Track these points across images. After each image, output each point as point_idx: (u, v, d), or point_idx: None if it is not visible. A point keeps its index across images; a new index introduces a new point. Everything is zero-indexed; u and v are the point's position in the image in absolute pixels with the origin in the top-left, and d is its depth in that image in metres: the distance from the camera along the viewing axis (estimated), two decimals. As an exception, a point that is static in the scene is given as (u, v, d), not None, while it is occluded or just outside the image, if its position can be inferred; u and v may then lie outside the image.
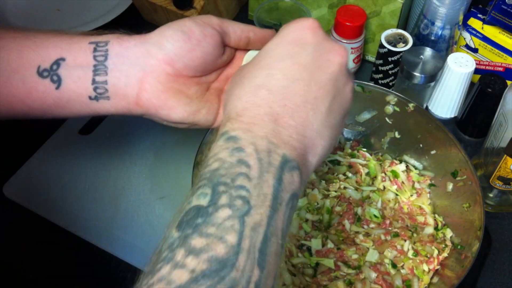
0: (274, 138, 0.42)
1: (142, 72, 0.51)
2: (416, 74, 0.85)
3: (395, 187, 0.81)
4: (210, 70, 0.55)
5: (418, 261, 0.73)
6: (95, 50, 0.51)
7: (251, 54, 0.58)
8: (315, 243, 0.74)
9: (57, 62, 0.51)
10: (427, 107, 0.93)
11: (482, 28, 0.94)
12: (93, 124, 0.91)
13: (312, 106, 0.45)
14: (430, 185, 0.81)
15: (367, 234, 0.76)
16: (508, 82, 0.85)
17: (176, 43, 0.51)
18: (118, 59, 0.51)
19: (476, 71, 0.89)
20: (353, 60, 0.96)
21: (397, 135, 0.84)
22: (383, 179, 0.82)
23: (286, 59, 0.46)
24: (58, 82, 0.51)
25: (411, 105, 0.80)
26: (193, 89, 0.53)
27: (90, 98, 0.52)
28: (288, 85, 0.45)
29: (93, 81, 0.51)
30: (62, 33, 0.53)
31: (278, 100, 0.44)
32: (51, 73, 0.51)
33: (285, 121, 0.44)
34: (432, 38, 0.89)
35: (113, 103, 0.52)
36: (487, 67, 0.94)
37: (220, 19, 0.54)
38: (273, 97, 0.44)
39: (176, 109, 0.52)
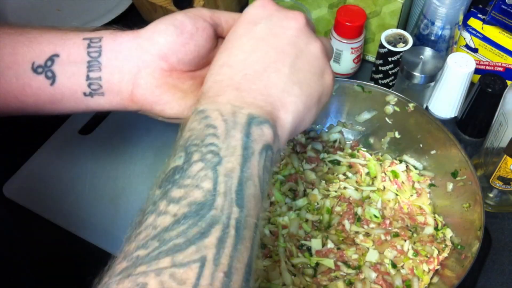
0: (237, 102, 0.45)
1: (136, 67, 0.52)
2: (416, 74, 0.85)
3: (395, 187, 0.81)
4: (204, 63, 0.55)
5: (418, 261, 0.73)
6: (89, 46, 0.52)
7: None
8: (315, 243, 0.74)
9: (51, 58, 0.51)
10: (427, 107, 0.93)
11: (482, 28, 0.94)
12: (93, 124, 0.91)
13: (273, 69, 0.47)
14: (430, 185, 0.81)
15: (367, 234, 0.76)
16: (508, 82, 0.85)
17: (169, 37, 0.52)
18: (111, 54, 0.52)
19: (476, 71, 0.89)
20: (353, 60, 0.96)
21: (397, 135, 0.84)
22: (383, 179, 0.82)
23: (243, 37, 0.49)
24: (52, 78, 0.51)
25: (411, 105, 0.80)
26: (188, 84, 0.54)
27: (84, 94, 0.52)
28: (246, 57, 0.47)
29: (87, 77, 0.52)
30: (56, 29, 0.53)
31: (238, 72, 0.47)
32: (45, 69, 0.51)
33: (248, 87, 0.46)
34: (432, 38, 0.89)
35: (107, 99, 0.53)
36: (487, 67, 0.94)
37: (211, 10, 0.55)
38: (234, 70, 0.47)
39: (170, 104, 0.53)
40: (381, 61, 0.91)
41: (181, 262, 0.37)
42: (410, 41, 0.89)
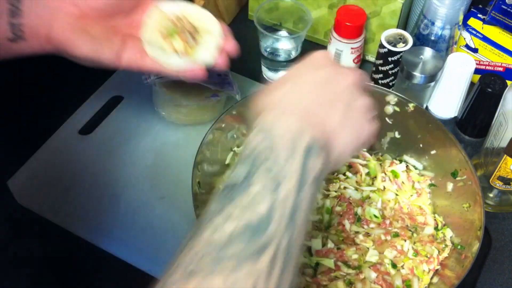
0: (299, 127, 0.48)
1: (51, 13, 0.59)
2: (416, 74, 0.85)
3: (395, 187, 0.81)
4: (115, 12, 0.62)
5: (418, 261, 0.73)
6: None
7: (160, 6, 0.63)
8: (315, 243, 0.74)
9: None
10: (427, 107, 0.94)
11: (482, 28, 0.94)
12: (93, 124, 0.91)
13: (331, 107, 0.52)
14: (430, 185, 0.81)
15: (367, 234, 0.76)
16: (508, 82, 0.85)
17: None
18: (30, 2, 0.58)
19: (476, 71, 0.89)
20: (353, 60, 0.96)
21: (397, 135, 0.84)
22: (383, 179, 0.82)
23: (307, 75, 0.54)
24: None
25: (411, 105, 0.80)
26: (97, 29, 0.61)
27: (8, 39, 0.58)
28: (310, 91, 0.52)
29: (10, 24, 0.58)
30: None
31: (301, 101, 0.51)
32: None
33: (310, 114, 0.50)
34: (432, 38, 0.89)
35: (29, 44, 0.59)
36: (487, 67, 0.94)
37: None
38: (298, 99, 0.51)
39: (79, 45, 0.60)
40: (381, 61, 0.91)
41: (233, 283, 0.39)
42: (410, 41, 0.89)
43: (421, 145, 0.81)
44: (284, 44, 0.95)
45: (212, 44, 0.64)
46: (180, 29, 0.63)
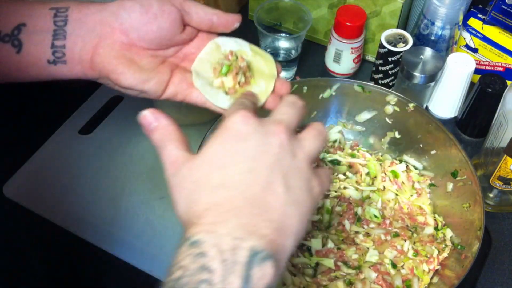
0: (239, 232, 0.41)
1: (97, 38, 0.54)
2: (416, 74, 0.85)
3: (395, 187, 0.81)
4: (167, 45, 0.57)
5: (418, 261, 0.73)
6: (55, 15, 0.54)
7: (217, 41, 0.59)
8: (315, 243, 0.74)
9: (18, 28, 0.53)
10: (427, 107, 0.94)
11: (482, 28, 0.94)
12: (93, 124, 0.91)
13: (270, 191, 0.44)
14: (430, 185, 0.81)
15: (367, 234, 0.76)
16: (508, 82, 0.85)
17: (133, 14, 0.54)
18: (76, 24, 0.54)
19: (476, 71, 0.89)
20: (353, 60, 0.96)
21: (397, 135, 0.84)
22: (383, 179, 0.82)
23: (235, 156, 0.45)
24: (19, 46, 0.53)
25: (411, 105, 0.80)
26: (146, 61, 0.56)
27: (48, 62, 0.54)
28: (242, 178, 0.44)
29: (52, 45, 0.54)
30: (22, 1, 0.55)
31: (237, 195, 0.44)
32: (12, 38, 0.53)
33: (249, 212, 0.43)
34: (432, 38, 0.89)
35: (69, 67, 0.55)
36: (487, 67, 0.94)
37: None
38: (232, 193, 0.44)
39: (125, 75, 0.55)
40: (381, 61, 0.91)
41: None
42: (410, 41, 0.89)
43: (421, 145, 0.81)
44: (284, 44, 0.95)
45: (263, 87, 0.58)
46: (234, 67, 0.58)
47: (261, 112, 0.52)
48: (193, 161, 0.47)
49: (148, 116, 0.53)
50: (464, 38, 0.96)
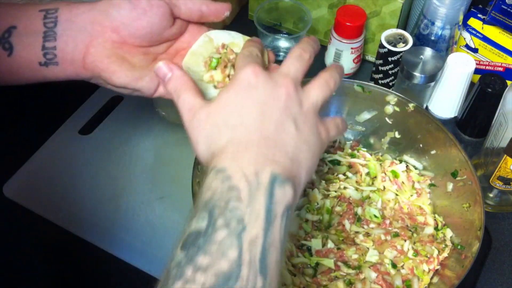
0: (259, 160, 0.46)
1: (89, 37, 0.54)
2: (416, 74, 0.85)
3: (395, 187, 0.81)
4: (158, 40, 0.57)
5: (418, 261, 0.73)
6: (45, 17, 0.54)
7: (210, 34, 0.59)
8: (315, 243, 0.74)
9: (9, 30, 0.53)
10: (427, 107, 0.94)
11: (482, 28, 0.94)
12: (93, 124, 0.91)
13: (282, 129, 0.49)
14: (430, 185, 0.81)
15: (367, 234, 0.76)
16: (508, 82, 0.85)
17: (122, 11, 0.54)
18: (67, 25, 0.54)
19: (476, 71, 0.89)
20: (353, 60, 0.96)
21: (397, 135, 0.84)
22: (383, 179, 0.82)
23: (247, 100, 0.49)
24: (10, 49, 0.53)
25: (411, 105, 0.80)
26: (138, 58, 0.56)
27: (40, 64, 0.54)
28: (258, 118, 0.49)
29: (43, 47, 0.54)
30: (12, 3, 0.55)
31: (254, 131, 0.48)
32: (3, 41, 0.53)
33: (267, 145, 0.47)
34: (432, 38, 0.89)
35: (61, 68, 0.55)
36: (487, 67, 0.94)
37: None
38: (249, 130, 0.48)
39: (118, 73, 0.55)
40: (381, 61, 0.91)
41: None
42: (410, 41, 0.89)
43: (421, 145, 0.81)
44: (284, 44, 0.95)
45: None
46: (223, 60, 0.58)
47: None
48: (210, 107, 0.50)
49: (162, 68, 0.54)
50: (464, 38, 0.96)
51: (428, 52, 0.86)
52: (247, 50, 0.54)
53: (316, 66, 1.06)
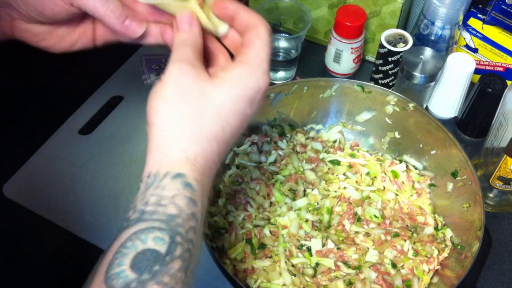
0: (207, 192, 0.47)
1: None
2: (416, 74, 0.85)
3: (395, 187, 0.81)
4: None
5: (418, 261, 0.73)
6: None
7: None
8: (315, 243, 0.74)
9: None
10: (427, 107, 0.94)
11: (482, 28, 0.94)
12: (93, 124, 0.91)
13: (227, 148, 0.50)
14: (430, 185, 0.81)
15: (367, 234, 0.76)
16: (508, 82, 0.85)
17: None
18: None
19: (476, 71, 0.89)
20: (353, 60, 0.96)
21: (397, 135, 0.84)
22: (383, 179, 0.82)
23: (239, 117, 0.49)
24: None
25: (411, 105, 0.80)
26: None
27: None
28: (229, 139, 0.49)
29: None
30: None
31: (219, 152, 0.49)
32: None
33: (215, 171, 0.49)
34: (432, 38, 0.89)
35: None
36: (487, 67, 0.94)
37: None
38: (218, 150, 0.48)
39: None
40: (381, 61, 0.91)
41: None
42: (410, 41, 0.89)
43: (421, 145, 0.81)
44: (284, 44, 0.95)
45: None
46: None
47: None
48: (207, 83, 0.48)
49: (185, 17, 0.52)
50: (464, 38, 0.96)
51: (428, 52, 0.86)
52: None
53: (316, 67, 1.06)
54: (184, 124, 0.47)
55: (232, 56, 0.55)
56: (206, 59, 0.54)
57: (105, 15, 0.53)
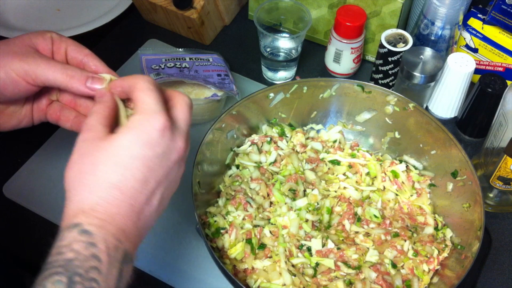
0: (120, 235, 0.49)
1: None
2: (416, 74, 0.85)
3: (395, 187, 0.81)
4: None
5: (418, 261, 0.73)
6: None
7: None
8: (315, 243, 0.74)
9: None
10: (427, 107, 0.94)
11: (482, 28, 0.94)
12: (93, 124, 0.90)
13: (151, 204, 0.52)
14: (430, 185, 0.81)
15: (367, 234, 0.76)
16: (508, 82, 0.85)
17: None
18: None
19: (476, 71, 0.89)
20: (353, 60, 0.96)
21: (397, 135, 0.84)
22: (383, 179, 0.82)
23: (138, 161, 0.51)
24: None
25: (411, 105, 0.80)
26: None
27: None
28: (137, 187, 0.50)
29: None
30: None
31: (127, 200, 0.50)
32: None
33: (130, 220, 0.50)
34: (432, 38, 0.89)
35: None
36: (487, 67, 0.94)
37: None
38: (124, 197, 0.50)
39: None
40: (381, 61, 0.91)
41: None
42: (410, 41, 0.89)
43: (421, 145, 0.81)
44: (284, 44, 0.95)
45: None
46: None
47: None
48: (104, 140, 0.51)
49: (99, 92, 0.57)
50: (464, 38, 0.96)
51: (428, 52, 0.86)
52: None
53: (316, 67, 1.06)
54: (79, 179, 0.51)
55: None
56: None
57: (68, 83, 0.57)
